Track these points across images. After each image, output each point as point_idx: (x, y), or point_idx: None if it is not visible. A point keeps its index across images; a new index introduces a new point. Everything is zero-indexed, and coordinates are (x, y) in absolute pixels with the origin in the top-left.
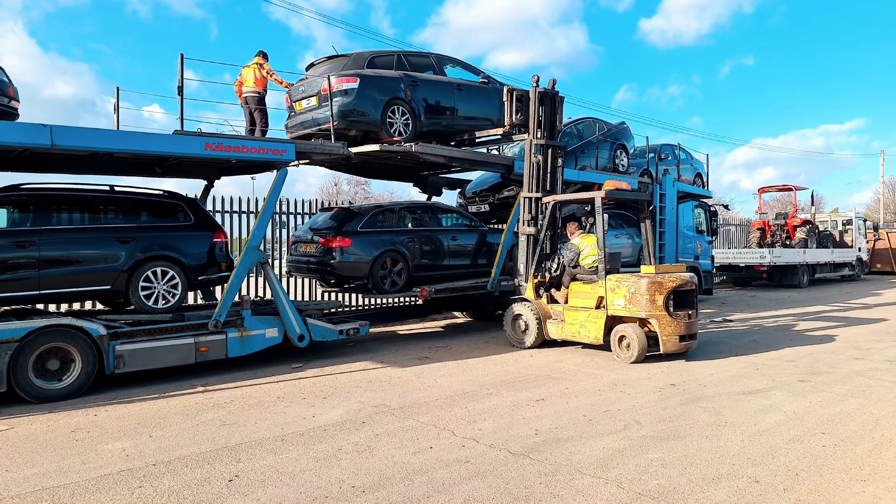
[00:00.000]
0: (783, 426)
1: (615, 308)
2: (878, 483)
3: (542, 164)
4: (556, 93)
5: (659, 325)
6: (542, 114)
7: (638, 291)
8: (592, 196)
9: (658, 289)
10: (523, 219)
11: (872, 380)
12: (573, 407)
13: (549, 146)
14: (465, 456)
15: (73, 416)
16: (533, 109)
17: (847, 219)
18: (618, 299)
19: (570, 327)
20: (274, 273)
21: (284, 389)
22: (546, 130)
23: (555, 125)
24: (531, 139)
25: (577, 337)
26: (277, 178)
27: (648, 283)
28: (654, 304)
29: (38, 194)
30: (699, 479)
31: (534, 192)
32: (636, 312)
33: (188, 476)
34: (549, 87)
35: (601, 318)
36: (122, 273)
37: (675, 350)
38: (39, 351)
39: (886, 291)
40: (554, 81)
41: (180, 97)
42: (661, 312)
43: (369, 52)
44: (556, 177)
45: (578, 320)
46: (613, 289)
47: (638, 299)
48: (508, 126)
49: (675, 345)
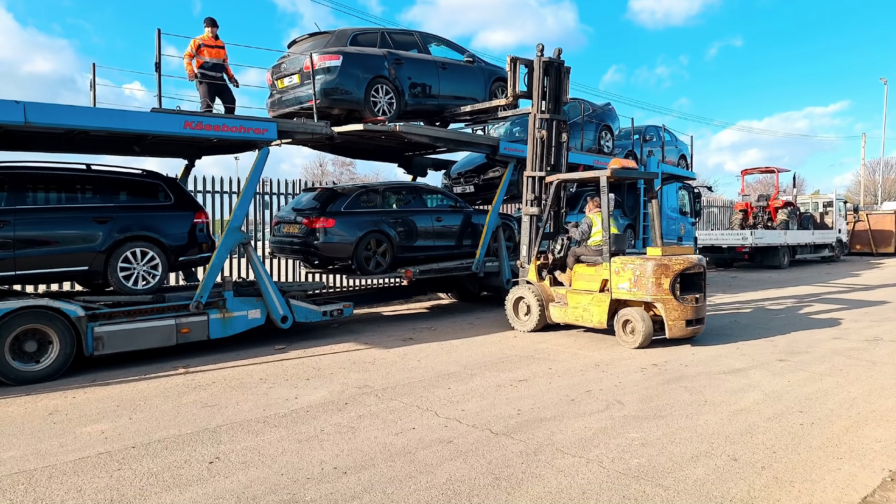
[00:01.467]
0: (761, 405)
1: (619, 291)
2: (853, 461)
3: (546, 140)
4: (562, 63)
5: (665, 309)
6: (546, 85)
7: (643, 274)
8: (598, 175)
9: (664, 272)
10: (526, 198)
11: (850, 359)
12: (556, 387)
13: (554, 120)
14: (448, 436)
15: (51, 398)
16: (537, 80)
17: (828, 201)
18: (622, 282)
19: (573, 311)
20: (256, 254)
21: (267, 371)
22: (551, 103)
23: (560, 97)
24: (535, 112)
25: (581, 321)
26: (259, 158)
27: (654, 266)
28: (660, 287)
29: (12, 173)
30: (679, 457)
31: (537, 170)
32: (641, 296)
33: (168, 458)
34: (555, 56)
35: (605, 301)
36: (100, 254)
37: (682, 335)
38: (16, 333)
39: (865, 272)
40: (559, 51)
41: (158, 74)
42: (667, 296)
43: (352, 29)
44: (562, 153)
45: (582, 304)
46: (618, 271)
47: (643, 282)
48: (512, 97)
49: (681, 330)
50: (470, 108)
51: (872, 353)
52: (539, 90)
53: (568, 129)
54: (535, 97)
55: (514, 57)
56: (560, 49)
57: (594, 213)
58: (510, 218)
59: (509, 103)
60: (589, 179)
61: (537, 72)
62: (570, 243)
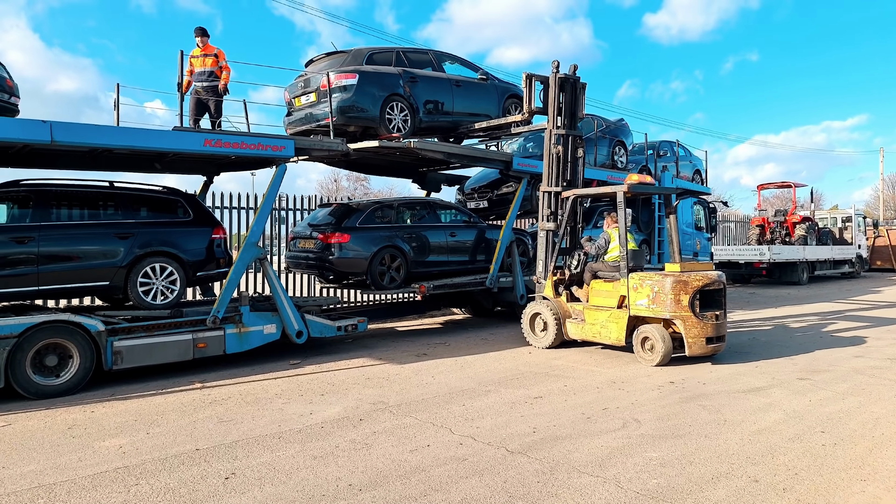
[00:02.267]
0: (782, 425)
1: (638, 308)
2: (877, 482)
3: (562, 156)
4: (578, 79)
5: (684, 326)
6: (562, 101)
7: (662, 291)
8: (615, 190)
9: (683, 288)
10: (542, 214)
11: (872, 378)
12: (572, 405)
13: (570, 136)
14: (463, 454)
15: (71, 412)
16: (553, 96)
17: (847, 216)
18: (641, 299)
19: (590, 327)
20: (272, 269)
21: (282, 386)
22: (567, 119)
23: (576, 113)
24: (551, 128)
25: (598, 338)
26: (276, 175)
27: (673, 282)
28: (679, 304)
29: (37, 190)
30: (698, 478)
31: (553, 185)
32: (660, 313)
33: (184, 473)
34: (571, 72)
35: (623, 318)
36: (120, 269)
37: (702, 353)
38: (37, 347)
39: (886, 289)
40: (575, 67)
41: (180, 94)
42: (686, 313)
43: (368, 48)
44: (578, 169)
45: (599, 320)
46: (636, 287)
47: (662, 299)
48: (528, 113)
49: (701, 347)
50: (486, 123)
51: (895, 371)
52: (555, 106)
53: (583, 144)
54: (550, 113)
55: (530, 73)
56: (575, 65)
57: (612, 229)
58: (524, 233)
59: (525, 119)
60: (606, 194)
61: (553, 88)
62: (587, 259)
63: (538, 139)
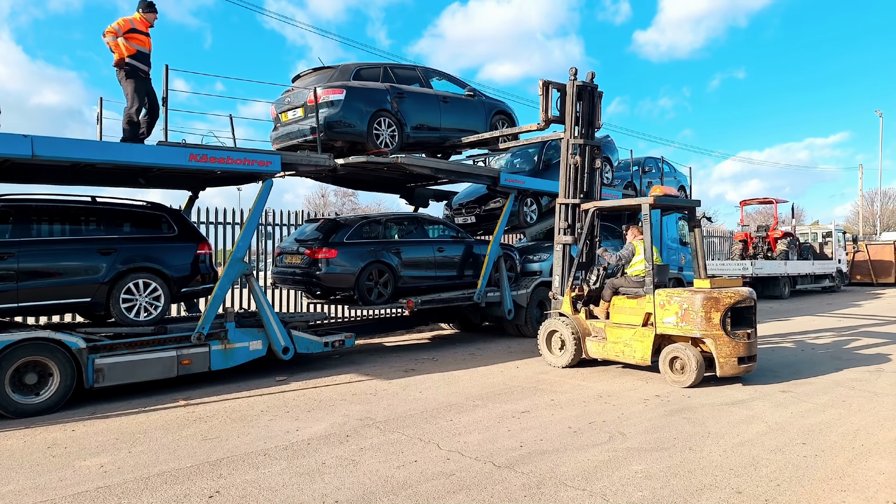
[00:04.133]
0: (765, 437)
1: (665, 326)
2: (857, 493)
3: (579, 166)
4: (595, 87)
5: (715, 345)
6: (580, 109)
7: (692, 308)
8: (639, 202)
9: (714, 305)
10: (559, 227)
11: (853, 390)
12: (558, 419)
13: (588, 146)
14: (450, 469)
15: (51, 431)
16: (570, 104)
17: (827, 231)
18: (668, 316)
19: (612, 346)
20: (259, 285)
21: (268, 403)
22: (584, 128)
23: (594, 122)
24: (568, 138)
25: (621, 357)
26: (263, 190)
27: (704, 299)
28: (710, 321)
29: (17, 205)
30: (682, 490)
31: (570, 197)
32: (689, 331)
33: (168, 492)
34: (588, 80)
35: (649, 336)
36: (102, 285)
37: (734, 373)
38: (17, 365)
39: (866, 302)
40: (593, 74)
41: (165, 108)
42: (717, 331)
43: (355, 63)
44: (595, 180)
45: (623, 339)
46: (663, 304)
47: (691, 316)
48: (544, 122)
49: (733, 367)
50: (499, 133)
51: (874, 384)
52: (572, 115)
53: (601, 154)
54: (568, 122)
55: (547, 80)
56: (593, 73)
57: (637, 241)
58: (511, 248)
59: (541, 128)
60: (628, 207)
61: (570, 96)
62: (606, 273)
63: (525, 155)
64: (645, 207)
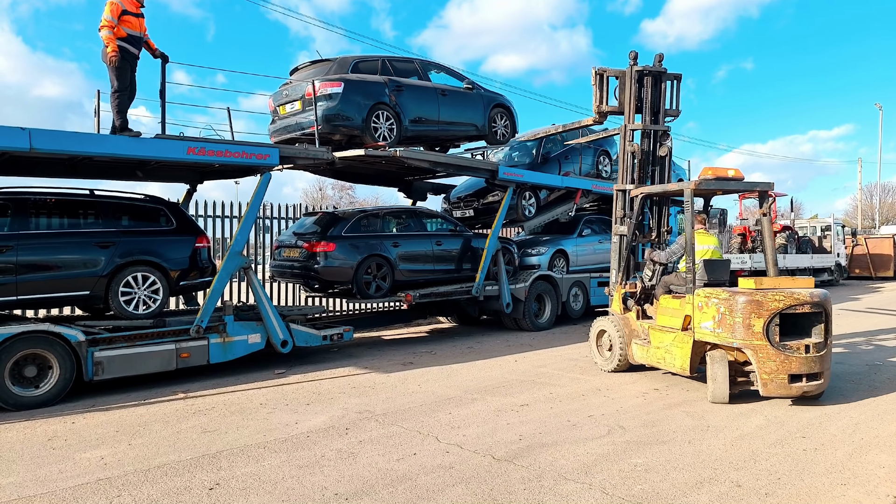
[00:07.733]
0: (764, 430)
1: (703, 331)
2: (857, 486)
3: (639, 153)
4: (664, 70)
5: (756, 358)
6: (643, 95)
7: (729, 311)
8: (681, 187)
9: (756, 309)
10: (615, 216)
11: (851, 383)
12: (557, 412)
13: (650, 131)
14: (449, 462)
15: (51, 423)
16: (629, 91)
17: (826, 225)
18: (706, 320)
19: (654, 351)
20: (257, 278)
21: (267, 396)
22: (649, 115)
23: (661, 108)
24: (626, 124)
25: (662, 364)
26: (261, 183)
27: (745, 302)
28: (750, 329)
29: (15, 198)
30: (682, 483)
31: (627, 184)
32: (726, 339)
33: (168, 484)
34: (656, 63)
35: (687, 342)
36: (101, 278)
37: (784, 394)
38: (16, 357)
39: (865, 296)
40: (661, 56)
41: (162, 101)
42: (759, 341)
43: (353, 56)
44: (664, 167)
45: (664, 343)
46: (701, 306)
47: (728, 322)
48: (598, 115)
49: (781, 387)
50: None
51: (873, 377)
52: (631, 102)
53: (668, 139)
54: (627, 109)
55: (602, 68)
56: (661, 55)
57: (698, 231)
58: (510, 242)
59: (596, 121)
60: (672, 193)
61: (629, 82)
62: (664, 269)
63: (524, 148)
64: (687, 192)
